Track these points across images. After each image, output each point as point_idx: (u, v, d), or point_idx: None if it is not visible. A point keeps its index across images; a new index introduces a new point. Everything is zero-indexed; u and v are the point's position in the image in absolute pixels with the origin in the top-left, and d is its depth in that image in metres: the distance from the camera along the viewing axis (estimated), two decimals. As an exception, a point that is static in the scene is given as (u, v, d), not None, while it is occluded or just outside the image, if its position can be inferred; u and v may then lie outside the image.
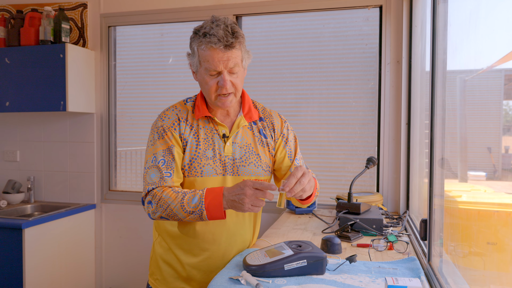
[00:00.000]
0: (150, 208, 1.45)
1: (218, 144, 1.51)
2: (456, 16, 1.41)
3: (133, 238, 3.13)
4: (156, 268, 1.61)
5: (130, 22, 3.09)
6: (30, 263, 2.64)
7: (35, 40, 3.00)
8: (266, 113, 1.62)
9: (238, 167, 1.51)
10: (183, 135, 1.49)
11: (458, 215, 1.41)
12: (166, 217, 1.43)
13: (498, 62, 1.09)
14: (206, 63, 1.40)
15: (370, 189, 2.74)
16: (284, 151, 1.60)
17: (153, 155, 1.48)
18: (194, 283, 1.56)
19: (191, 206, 1.38)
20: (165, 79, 3.10)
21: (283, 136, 1.61)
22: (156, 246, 1.62)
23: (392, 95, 2.63)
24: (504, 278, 1.08)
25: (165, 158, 1.47)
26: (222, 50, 1.38)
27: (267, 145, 1.57)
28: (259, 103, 1.66)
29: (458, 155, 1.45)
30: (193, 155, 1.48)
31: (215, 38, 1.37)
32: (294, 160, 1.62)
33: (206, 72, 1.42)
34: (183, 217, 1.41)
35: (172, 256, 1.56)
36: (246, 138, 1.55)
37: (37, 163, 3.29)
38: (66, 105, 2.87)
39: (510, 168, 1.07)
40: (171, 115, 1.51)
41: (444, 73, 1.49)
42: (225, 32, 1.37)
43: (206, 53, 1.39)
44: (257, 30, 2.91)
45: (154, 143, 1.49)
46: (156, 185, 1.45)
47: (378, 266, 1.44)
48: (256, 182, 1.32)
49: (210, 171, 1.49)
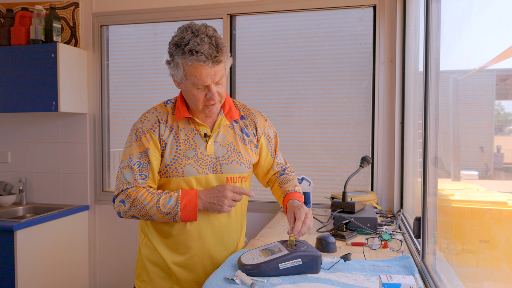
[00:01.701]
0: (121, 207, 1.47)
1: (199, 144, 1.53)
2: (449, 15, 1.42)
3: (127, 239, 3.11)
4: (143, 269, 1.61)
5: (123, 22, 3.08)
6: (22, 265, 2.61)
7: (26, 39, 2.97)
8: (248, 111, 1.66)
9: (221, 165, 1.54)
10: (162, 137, 1.51)
11: (451, 213, 1.42)
12: (138, 216, 1.47)
13: (490, 62, 1.10)
14: (194, 78, 1.41)
15: (364, 188, 2.75)
16: (266, 148, 1.67)
17: (129, 156, 1.51)
18: (182, 282, 1.56)
19: (166, 207, 1.43)
20: (159, 79, 3.09)
21: (265, 134, 1.66)
22: (142, 247, 1.62)
23: (386, 95, 2.65)
24: (496, 274, 1.09)
25: (141, 161, 1.49)
26: (210, 66, 1.39)
27: (249, 143, 1.61)
28: (240, 102, 1.69)
29: (451, 155, 1.46)
30: (174, 156, 1.50)
31: (203, 56, 1.37)
32: (275, 158, 1.70)
33: (193, 86, 1.43)
34: (157, 217, 1.45)
35: (158, 256, 1.57)
36: (228, 137, 1.58)
37: (29, 164, 3.26)
38: (58, 105, 2.85)
39: (502, 167, 1.08)
40: (151, 118, 1.53)
41: (437, 72, 1.50)
42: (210, 47, 1.37)
43: (193, 70, 1.40)
44: (251, 29, 2.91)
45: (131, 145, 1.52)
46: (130, 185, 1.48)
47: (373, 264, 1.45)
48: (236, 186, 1.47)
49: (192, 171, 1.50)
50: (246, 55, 2.90)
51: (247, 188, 1.63)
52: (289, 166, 1.77)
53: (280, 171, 1.72)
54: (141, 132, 1.50)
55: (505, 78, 1.08)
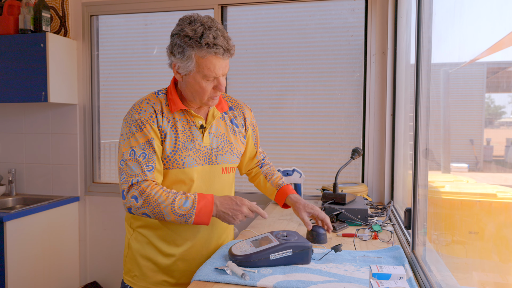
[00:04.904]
0: (134, 203, 1.42)
1: (196, 135, 1.54)
2: (441, 5, 1.42)
3: (117, 230, 3.10)
4: (133, 264, 1.59)
5: (113, 11, 3.04)
6: (12, 256, 2.60)
7: (15, 29, 2.92)
8: (235, 103, 1.70)
9: (216, 156, 1.57)
10: (162, 127, 1.49)
11: (441, 205, 1.43)
12: (150, 214, 1.42)
13: (481, 55, 1.10)
14: (207, 70, 1.42)
15: (355, 179, 2.77)
16: (252, 139, 1.75)
17: (130, 148, 1.45)
18: (176, 273, 1.56)
19: (182, 209, 1.40)
20: (150, 70, 3.06)
21: (252, 125, 1.73)
22: (132, 242, 1.60)
23: (377, 87, 2.65)
24: (486, 265, 1.10)
25: (146, 152, 1.45)
26: (225, 58, 1.43)
27: (239, 134, 1.66)
28: (226, 93, 1.73)
29: (441, 147, 1.46)
30: (174, 147, 1.49)
31: (221, 49, 1.40)
32: (258, 147, 1.79)
33: (203, 78, 1.44)
34: (169, 218, 1.41)
35: (152, 249, 1.56)
36: (220, 128, 1.61)
37: (18, 155, 3.22)
38: (47, 96, 2.81)
39: (491, 159, 1.09)
40: (147, 108, 1.49)
41: (428, 63, 1.50)
42: (224, 40, 1.41)
43: (208, 63, 1.41)
44: (243, 20, 2.89)
45: (131, 136, 1.46)
46: (140, 178, 1.43)
47: (363, 255, 1.46)
48: (253, 205, 1.47)
49: (192, 162, 1.51)
50: (237, 46, 2.87)
51: (233, 179, 1.70)
52: (265, 154, 1.88)
53: (260, 160, 1.82)
54: (140, 122, 1.46)
55: (495, 71, 1.09)
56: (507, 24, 0.91)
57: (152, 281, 1.56)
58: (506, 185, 1.04)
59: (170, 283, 1.56)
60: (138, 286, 1.58)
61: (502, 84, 1.04)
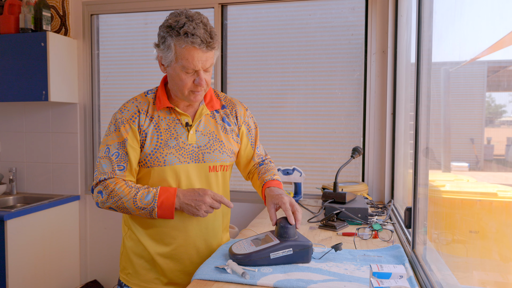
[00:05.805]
0: (99, 198, 1.47)
1: (180, 133, 1.53)
2: (442, 3, 1.41)
3: (118, 229, 3.10)
4: (128, 262, 1.60)
5: (113, 10, 3.04)
6: (13, 255, 2.60)
7: (15, 28, 2.92)
8: (228, 101, 1.67)
9: (204, 155, 1.54)
10: (142, 127, 1.50)
11: (441, 204, 1.43)
12: (115, 208, 1.47)
13: (481, 54, 1.10)
14: (185, 61, 1.41)
15: (355, 178, 2.76)
16: (246, 138, 1.68)
17: (106, 146, 1.50)
18: (168, 273, 1.56)
19: (143, 202, 1.43)
20: (150, 69, 3.06)
21: (245, 123, 1.68)
22: (126, 240, 1.61)
23: (378, 85, 2.65)
24: (486, 264, 1.10)
25: (119, 151, 1.48)
26: (204, 50, 1.41)
27: (231, 132, 1.62)
28: (221, 92, 1.71)
29: (441, 146, 1.46)
30: (155, 146, 1.50)
31: (198, 39, 1.38)
32: (256, 149, 1.72)
33: (182, 69, 1.44)
34: (133, 211, 1.45)
35: (142, 247, 1.56)
36: (209, 126, 1.58)
37: (19, 154, 3.23)
38: (48, 94, 2.82)
39: (492, 158, 1.09)
40: (130, 108, 1.52)
41: (429, 62, 1.50)
42: (205, 32, 1.40)
43: (187, 53, 1.40)
44: (243, 19, 2.88)
45: (109, 134, 1.51)
46: (108, 176, 1.47)
47: (363, 254, 1.46)
48: (217, 194, 1.45)
49: (173, 160, 1.50)
50: (237, 45, 2.88)
51: (227, 178, 1.66)
52: (269, 157, 1.78)
53: (259, 161, 1.74)
54: (120, 122, 1.50)
55: (496, 70, 1.09)
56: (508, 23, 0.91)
57: (145, 279, 1.57)
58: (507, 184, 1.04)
59: (163, 282, 1.56)
60: (132, 284, 1.59)
61: (502, 83, 1.04)
